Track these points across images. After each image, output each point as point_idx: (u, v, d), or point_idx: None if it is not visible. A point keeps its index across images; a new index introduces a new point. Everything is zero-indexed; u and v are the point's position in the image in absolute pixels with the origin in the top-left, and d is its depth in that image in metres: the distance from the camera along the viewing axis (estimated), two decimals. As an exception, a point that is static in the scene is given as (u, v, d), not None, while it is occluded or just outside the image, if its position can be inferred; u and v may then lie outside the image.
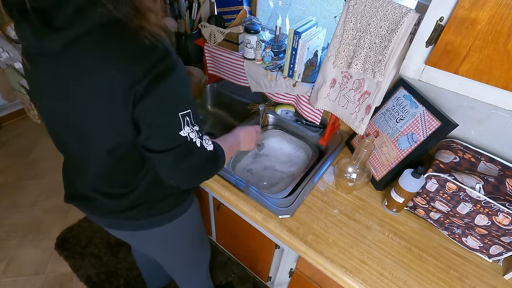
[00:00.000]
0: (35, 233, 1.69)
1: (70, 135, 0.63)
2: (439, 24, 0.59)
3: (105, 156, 0.63)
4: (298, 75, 1.02)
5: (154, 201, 0.74)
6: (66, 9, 0.47)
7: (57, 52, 0.51)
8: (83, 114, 0.57)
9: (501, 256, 0.78)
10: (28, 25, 0.48)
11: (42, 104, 0.63)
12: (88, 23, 0.48)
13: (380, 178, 0.96)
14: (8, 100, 2.24)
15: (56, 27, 0.48)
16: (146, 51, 0.51)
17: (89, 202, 0.74)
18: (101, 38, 0.50)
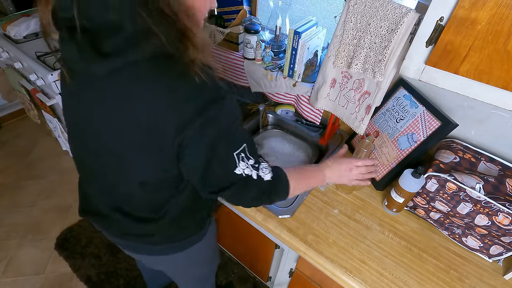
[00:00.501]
0: (35, 233, 1.69)
1: (98, 156, 0.60)
2: (439, 24, 0.59)
3: (136, 186, 0.60)
4: (298, 75, 1.02)
5: (177, 228, 0.71)
6: (118, 36, 0.43)
7: (101, 76, 0.48)
8: (117, 142, 0.54)
9: (501, 256, 0.78)
10: (75, 45, 0.45)
11: (72, 120, 0.60)
12: (139, 54, 0.45)
13: (380, 178, 0.96)
14: (8, 100, 2.24)
15: (104, 53, 0.44)
16: (196, 90, 0.47)
17: (107, 220, 0.71)
18: (150, 71, 0.47)
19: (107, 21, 0.43)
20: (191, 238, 0.75)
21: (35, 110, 1.70)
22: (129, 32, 0.43)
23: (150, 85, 0.47)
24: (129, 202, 0.65)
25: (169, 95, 0.47)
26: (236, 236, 1.23)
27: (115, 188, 0.64)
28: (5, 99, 2.22)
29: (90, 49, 0.44)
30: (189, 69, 0.46)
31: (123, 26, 0.43)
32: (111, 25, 0.43)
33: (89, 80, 0.51)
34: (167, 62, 0.47)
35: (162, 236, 0.70)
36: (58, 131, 1.65)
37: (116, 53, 0.44)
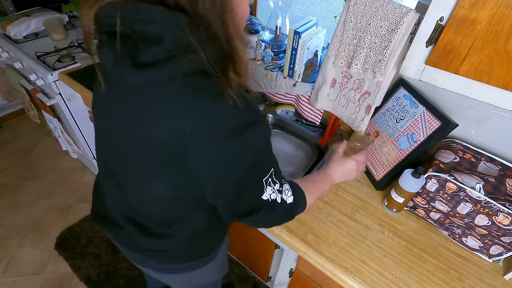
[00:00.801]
0: (35, 233, 1.69)
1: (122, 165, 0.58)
2: (439, 24, 0.59)
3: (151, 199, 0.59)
4: (298, 75, 1.02)
5: (189, 248, 0.68)
6: (157, 47, 0.42)
7: (133, 86, 0.46)
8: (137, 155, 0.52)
9: (501, 256, 0.78)
10: (112, 51, 0.44)
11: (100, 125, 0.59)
12: (173, 69, 0.43)
13: (380, 178, 0.96)
14: (8, 100, 2.24)
15: (140, 63, 0.43)
16: (230, 114, 0.45)
17: (119, 231, 0.69)
18: (182, 88, 0.44)
19: (149, 32, 0.42)
20: (203, 259, 0.73)
21: (35, 110, 1.70)
22: (169, 46, 0.42)
23: (181, 105, 0.45)
24: (143, 215, 0.64)
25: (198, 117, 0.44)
26: (236, 236, 1.23)
27: (132, 199, 0.62)
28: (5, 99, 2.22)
29: (127, 58, 0.43)
30: (225, 91, 0.44)
31: (164, 39, 0.42)
32: (152, 36, 0.42)
33: (122, 88, 0.49)
34: (203, 81, 0.45)
35: (173, 255, 0.68)
36: (58, 131, 1.65)
37: (152, 65, 0.43)
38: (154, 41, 0.42)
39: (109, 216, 0.69)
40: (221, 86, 0.45)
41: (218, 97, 0.44)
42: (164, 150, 0.48)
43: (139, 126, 0.49)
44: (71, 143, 1.74)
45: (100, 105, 0.57)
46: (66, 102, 1.47)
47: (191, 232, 0.65)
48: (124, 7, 0.40)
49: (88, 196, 1.89)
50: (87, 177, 2.00)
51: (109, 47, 0.44)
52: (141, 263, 0.75)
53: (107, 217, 0.70)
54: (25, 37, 1.57)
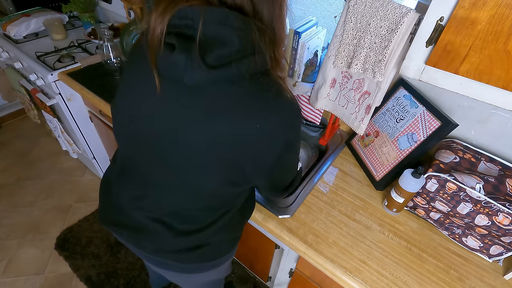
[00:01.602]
0: (35, 233, 1.69)
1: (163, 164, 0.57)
2: (439, 24, 0.59)
3: (199, 194, 0.60)
4: (298, 75, 1.02)
5: (212, 246, 0.69)
6: (229, 49, 0.44)
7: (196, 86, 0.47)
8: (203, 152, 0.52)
9: (501, 256, 0.78)
10: (184, 52, 0.44)
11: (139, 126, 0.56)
12: (242, 69, 0.45)
13: (380, 178, 0.96)
14: (8, 100, 2.24)
15: (209, 64, 0.44)
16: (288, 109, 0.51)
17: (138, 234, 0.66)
18: (250, 87, 0.47)
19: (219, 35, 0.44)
20: (223, 257, 0.74)
21: (35, 110, 1.70)
22: (238, 47, 0.44)
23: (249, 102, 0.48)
24: (176, 214, 0.64)
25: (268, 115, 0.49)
26: (236, 236, 1.23)
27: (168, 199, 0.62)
28: (5, 99, 2.22)
29: (199, 59, 0.44)
30: (283, 87, 0.50)
31: (234, 41, 0.44)
32: (222, 39, 0.44)
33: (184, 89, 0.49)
34: (266, 80, 0.49)
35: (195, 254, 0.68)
36: (58, 131, 1.65)
37: (222, 65, 0.45)
38: (225, 43, 0.44)
39: (128, 220, 0.67)
40: (279, 84, 0.50)
41: (280, 93, 0.50)
42: (231, 146, 0.50)
43: (204, 124, 0.49)
44: (71, 143, 1.74)
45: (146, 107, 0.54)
46: (66, 102, 1.47)
47: (222, 225, 0.67)
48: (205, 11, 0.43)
49: (88, 196, 1.89)
50: (87, 177, 2.00)
51: (180, 48, 0.44)
52: (163, 266, 0.73)
53: (126, 221, 0.67)
54: (25, 37, 1.57)
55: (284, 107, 0.50)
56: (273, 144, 0.52)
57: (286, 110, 0.51)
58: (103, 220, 0.72)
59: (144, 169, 0.61)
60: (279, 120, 0.50)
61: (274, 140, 0.51)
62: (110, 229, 0.71)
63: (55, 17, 1.63)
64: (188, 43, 0.44)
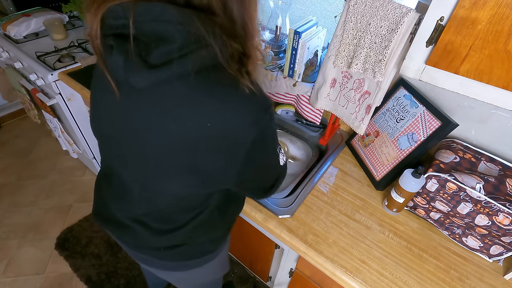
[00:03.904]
0: (35, 233, 1.69)
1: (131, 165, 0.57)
2: (439, 24, 0.59)
3: (164, 196, 0.59)
4: (298, 75, 1.02)
5: (192, 244, 0.69)
6: (169, 46, 0.41)
7: (145, 87, 0.45)
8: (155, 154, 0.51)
9: (501, 256, 0.78)
10: (121, 54, 0.42)
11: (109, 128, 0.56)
12: (185, 66, 0.42)
13: (380, 178, 0.96)
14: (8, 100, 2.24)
15: (151, 64, 0.42)
16: (247, 103, 0.46)
17: (122, 230, 0.68)
18: (198, 84, 0.44)
19: (159, 32, 0.41)
20: (206, 256, 0.74)
21: (35, 110, 1.70)
22: (180, 43, 0.41)
23: (196, 100, 0.45)
24: (149, 212, 0.64)
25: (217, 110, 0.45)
26: (236, 236, 1.23)
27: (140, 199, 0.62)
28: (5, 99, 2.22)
29: (137, 59, 0.42)
30: (239, 81, 0.45)
31: (175, 37, 0.41)
32: (162, 36, 0.41)
33: (133, 91, 0.48)
34: (216, 75, 0.45)
35: (176, 252, 0.69)
36: (58, 131, 1.65)
37: (163, 65, 0.42)
38: (165, 40, 0.41)
39: (112, 216, 0.69)
40: (235, 78, 0.45)
41: (233, 88, 0.45)
42: (184, 148, 0.48)
43: (156, 126, 0.48)
44: (71, 143, 1.74)
45: (106, 108, 0.55)
46: (66, 102, 1.47)
47: (198, 225, 0.66)
48: (136, 8, 0.39)
49: (88, 196, 1.89)
50: (87, 177, 2.00)
51: (118, 50, 0.42)
52: (145, 262, 0.75)
53: (110, 217, 0.69)
54: (25, 37, 1.57)
55: (241, 103, 0.46)
56: (233, 144, 0.48)
57: (244, 106, 0.46)
58: (94, 213, 0.75)
59: (118, 170, 0.61)
60: (236, 117, 0.46)
61: (232, 140, 0.47)
62: (99, 223, 0.73)
63: (55, 17, 1.63)
64: (125, 43, 0.41)
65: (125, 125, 0.52)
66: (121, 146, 0.56)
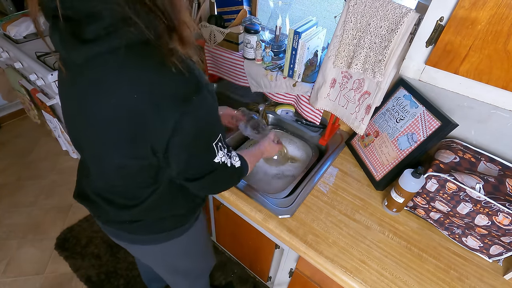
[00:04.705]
0: (35, 233, 1.69)
1: (85, 140, 0.62)
2: (439, 24, 0.59)
3: (114, 170, 0.62)
4: (298, 75, 1.02)
5: (154, 219, 0.72)
6: (98, 23, 0.44)
7: (80, 63, 0.49)
8: (96, 127, 0.55)
9: (501, 256, 0.78)
10: (57, 33, 0.47)
11: (65, 106, 0.62)
12: (115, 42, 0.46)
13: (380, 178, 0.96)
14: (8, 100, 2.24)
15: (83, 40, 0.45)
16: (174, 81, 0.48)
17: (93, 205, 0.74)
18: (127, 59, 0.47)
19: (88, 10, 0.44)
20: (170, 232, 0.76)
21: (35, 110, 1.70)
22: (108, 21, 0.44)
23: (128, 74, 0.48)
24: (109, 188, 0.68)
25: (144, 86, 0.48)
26: (236, 236, 1.23)
27: (97, 173, 0.67)
28: (5, 99, 2.22)
29: (70, 37, 0.46)
30: (167, 59, 0.47)
31: (102, 14, 0.44)
32: (91, 13, 0.44)
33: (73, 67, 0.52)
34: (145, 51, 0.48)
35: (140, 225, 0.72)
36: (58, 131, 1.65)
37: (94, 40, 0.45)
38: (94, 17, 0.44)
39: (84, 194, 0.74)
40: (163, 55, 0.47)
41: (160, 65, 0.47)
42: (118, 119, 0.51)
43: (95, 100, 0.51)
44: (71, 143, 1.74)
45: (62, 86, 0.61)
46: (66, 102, 1.47)
47: (156, 201, 0.68)
48: None
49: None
50: (87, 177, 2.00)
51: (54, 29, 0.47)
52: (117, 236, 0.78)
53: (84, 193, 0.74)
54: (25, 37, 1.57)
55: (169, 80, 0.48)
56: (158, 118, 0.49)
57: (172, 83, 0.48)
58: (74, 193, 0.78)
59: (81, 147, 0.66)
60: (162, 93, 0.48)
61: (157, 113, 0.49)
62: (78, 202, 0.77)
63: (55, 17, 1.63)
64: (60, 23, 0.45)
65: (76, 101, 0.56)
66: (77, 122, 0.60)
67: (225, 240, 1.39)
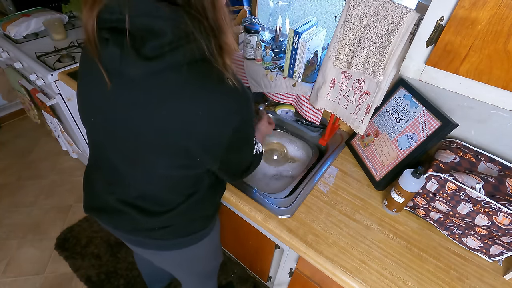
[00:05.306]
0: (35, 233, 1.69)
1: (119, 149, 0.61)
2: (439, 24, 0.59)
3: (155, 179, 0.63)
4: (298, 75, 1.02)
5: (184, 222, 0.73)
6: (161, 39, 0.45)
7: (138, 78, 0.49)
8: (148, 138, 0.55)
9: (501, 256, 0.78)
10: (118, 47, 0.46)
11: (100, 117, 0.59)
12: (178, 58, 0.47)
13: (380, 178, 0.96)
14: (8, 100, 2.24)
15: (145, 55, 0.46)
16: (231, 95, 0.52)
17: (114, 216, 0.71)
18: (190, 75, 0.49)
19: (151, 27, 0.45)
20: (199, 233, 0.77)
21: (35, 110, 1.70)
22: (171, 37, 0.45)
23: (187, 91, 0.49)
24: (142, 196, 0.67)
25: (206, 101, 0.50)
26: (236, 236, 1.23)
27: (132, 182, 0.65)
28: (5, 99, 2.22)
29: (131, 51, 0.46)
30: (225, 75, 0.50)
31: (165, 31, 0.45)
32: (154, 30, 0.45)
33: (127, 81, 0.51)
34: (205, 68, 0.49)
35: (169, 230, 0.71)
36: (58, 131, 1.65)
37: (156, 57, 0.46)
38: (156, 34, 0.45)
39: (105, 204, 0.71)
40: (221, 71, 0.50)
41: (221, 81, 0.50)
42: (175, 133, 0.52)
43: (149, 112, 0.52)
44: (71, 143, 1.74)
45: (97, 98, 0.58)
46: (66, 102, 1.47)
47: (190, 205, 0.69)
48: (131, 4, 0.43)
49: (88, 196, 1.89)
50: (87, 177, 2.00)
51: (114, 43, 0.46)
52: (141, 244, 0.77)
53: (103, 205, 0.72)
54: (25, 37, 1.57)
55: (227, 94, 0.51)
56: (219, 129, 0.53)
57: (229, 96, 0.51)
58: (85, 207, 0.76)
59: (110, 156, 0.65)
60: (222, 106, 0.51)
61: (219, 126, 0.53)
62: (92, 215, 0.75)
63: (55, 17, 1.63)
64: (121, 37, 0.45)
65: (117, 112, 0.55)
66: (113, 134, 0.59)
67: (225, 240, 1.39)
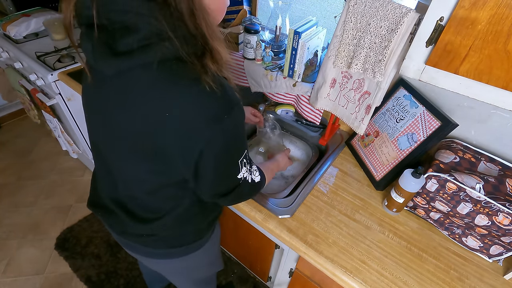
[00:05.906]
0: (35, 233, 1.69)
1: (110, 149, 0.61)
2: (439, 24, 0.59)
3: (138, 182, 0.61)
4: (298, 75, 1.02)
5: (174, 233, 0.71)
6: (133, 36, 0.43)
7: (110, 74, 0.48)
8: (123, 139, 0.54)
9: (501, 256, 0.78)
10: (90, 41, 0.45)
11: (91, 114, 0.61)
12: (148, 56, 0.44)
13: (380, 178, 0.96)
14: (8, 100, 2.24)
15: (116, 52, 0.44)
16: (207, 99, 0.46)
17: (110, 215, 0.71)
18: (161, 74, 0.46)
19: (123, 22, 0.43)
20: (192, 245, 0.75)
21: (35, 110, 1.70)
22: (143, 34, 0.43)
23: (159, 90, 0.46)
24: (132, 200, 0.67)
25: (175, 103, 0.46)
26: (236, 236, 1.23)
27: (121, 184, 0.65)
28: (5, 99, 2.22)
29: (103, 47, 0.44)
30: (201, 77, 0.45)
31: (138, 27, 0.43)
32: (126, 26, 0.43)
33: (104, 78, 0.51)
34: (179, 67, 0.46)
35: (159, 240, 0.71)
36: (58, 131, 1.65)
37: (127, 53, 0.44)
38: (129, 30, 0.43)
39: (101, 202, 0.72)
40: (197, 72, 0.46)
41: (194, 83, 0.46)
42: (144, 135, 0.50)
43: (122, 113, 0.51)
44: (71, 143, 1.74)
45: (88, 95, 0.60)
46: (66, 102, 1.47)
47: (177, 217, 0.67)
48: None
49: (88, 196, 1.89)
50: (87, 177, 2.00)
51: (87, 38, 0.46)
52: (131, 249, 0.77)
53: (99, 203, 0.73)
54: (25, 37, 1.57)
55: (201, 97, 0.46)
56: (190, 137, 0.48)
57: (204, 101, 0.46)
58: (88, 202, 0.77)
59: (103, 152, 0.64)
60: (196, 109, 0.46)
61: (192, 130, 0.48)
62: (92, 210, 0.76)
63: (55, 17, 1.63)
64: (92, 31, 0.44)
65: (101, 109, 0.55)
66: (100, 130, 0.60)
67: (225, 240, 1.39)
